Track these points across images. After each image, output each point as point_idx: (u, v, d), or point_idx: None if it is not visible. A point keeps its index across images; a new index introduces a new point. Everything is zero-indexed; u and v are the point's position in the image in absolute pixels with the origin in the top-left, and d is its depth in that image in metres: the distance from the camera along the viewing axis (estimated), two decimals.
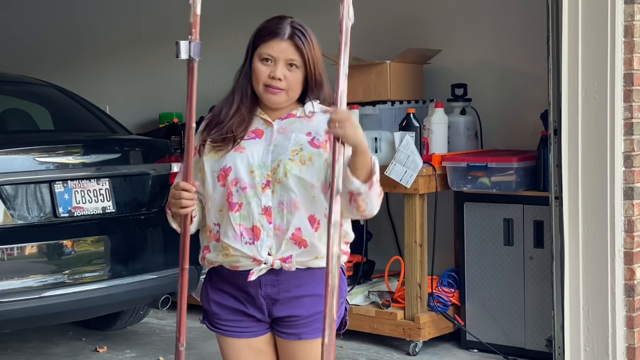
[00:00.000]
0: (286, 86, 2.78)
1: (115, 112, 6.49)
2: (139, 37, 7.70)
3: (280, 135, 2.81)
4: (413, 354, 5.38)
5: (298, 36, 2.79)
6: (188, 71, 2.50)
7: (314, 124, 2.82)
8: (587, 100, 4.50)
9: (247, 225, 2.77)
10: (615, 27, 4.43)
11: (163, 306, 5.30)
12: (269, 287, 2.82)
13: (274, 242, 2.78)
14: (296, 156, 2.76)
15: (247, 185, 2.76)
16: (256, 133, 2.83)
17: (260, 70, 2.80)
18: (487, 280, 5.35)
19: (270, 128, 2.83)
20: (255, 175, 2.77)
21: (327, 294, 2.50)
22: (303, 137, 2.80)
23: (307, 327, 2.84)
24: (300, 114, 2.85)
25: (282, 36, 2.78)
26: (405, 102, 5.76)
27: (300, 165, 2.76)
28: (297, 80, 2.79)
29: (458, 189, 5.35)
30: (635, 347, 4.57)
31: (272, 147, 2.80)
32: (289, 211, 2.76)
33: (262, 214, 2.76)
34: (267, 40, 2.80)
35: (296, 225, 2.76)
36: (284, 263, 2.78)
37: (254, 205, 2.76)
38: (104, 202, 5.01)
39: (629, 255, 4.52)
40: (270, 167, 2.77)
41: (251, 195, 2.76)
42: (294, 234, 2.76)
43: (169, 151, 5.50)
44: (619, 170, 4.49)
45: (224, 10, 7.17)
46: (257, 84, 2.82)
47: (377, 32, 6.27)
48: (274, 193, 2.77)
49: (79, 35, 8.10)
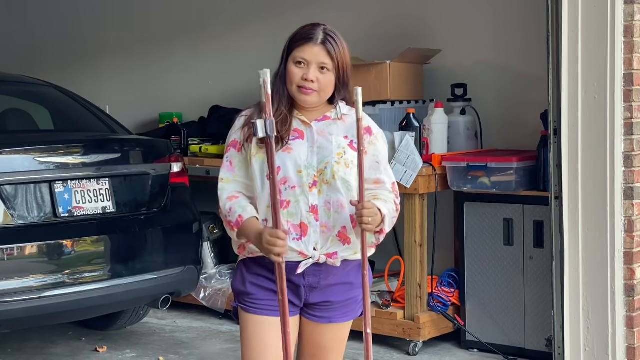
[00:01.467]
0: (318, 87, 2.99)
1: (115, 112, 6.49)
2: (139, 37, 7.70)
3: (320, 137, 3.03)
4: (413, 354, 5.38)
5: (330, 42, 3.00)
6: (267, 147, 2.72)
7: (348, 126, 3.06)
8: (587, 100, 4.50)
9: (295, 222, 2.98)
10: (615, 27, 4.43)
11: (163, 306, 5.29)
12: (312, 277, 3.03)
13: (320, 239, 2.99)
14: (341, 159, 3.00)
15: (295, 185, 2.97)
16: (298, 133, 3.03)
17: (294, 72, 3.00)
18: (487, 280, 5.35)
19: (310, 129, 3.04)
20: (303, 175, 2.98)
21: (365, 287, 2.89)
22: (342, 140, 3.03)
23: (338, 312, 3.10)
24: (334, 116, 3.07)
25: (315, 41, 2.99)
26: (405, 102, 5.76)
27: (345, 168, 2.99)
28: (329, 82, 3.01)
29: (458, 189, 5.35)
30: (635, 347, 4.57)
31: (316, 149, 3.01)
32: (335, 210, 2.99)
33: (309, 211, 2.98)
34: (301, 44, 3.00)
35: (342, 224, 2.99)
36: (329, 258, 3.01)
37: (302, 203, 2.98)
38: (104, 202, 5.01)
39: (629, 255, 4.52)
40: (317, 167, 2.99)
41: (299, 194, 2.98)
42: (340, 232, 2.99)
43: (169, 151, 5.50)
44: (619, 170, 4.49)
45: (224, 11, 7.17)
46: (291, 85, 3.01)
47: (377, 32, 6.28)
48: (320, 193, 2.99)
49: (79, 36, 8.10)
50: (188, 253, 5.36)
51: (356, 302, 3.12)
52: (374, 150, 3.07)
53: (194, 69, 7.33)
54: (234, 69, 7.01)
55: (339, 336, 3.15)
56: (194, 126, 6.85)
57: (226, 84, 7.03)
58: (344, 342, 3.18)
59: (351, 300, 3.10)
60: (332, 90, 3.03)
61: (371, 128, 3.10)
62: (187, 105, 7.23)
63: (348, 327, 3.17)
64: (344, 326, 3.14)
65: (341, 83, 3.03)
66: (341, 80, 3.03)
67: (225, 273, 6.37)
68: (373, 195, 3.02)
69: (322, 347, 3.13)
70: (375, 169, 3.06)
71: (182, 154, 6.26)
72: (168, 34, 7.50)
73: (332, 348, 3.14)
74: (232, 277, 3.20)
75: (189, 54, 7.36)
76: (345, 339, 3.19)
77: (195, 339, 5.82)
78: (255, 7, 6.96)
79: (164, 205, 5.29)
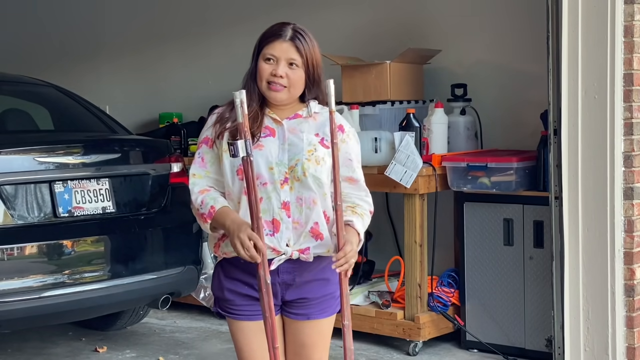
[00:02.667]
0: (287, 83, 3.01)
1: (115, 112, 6.49)
2: (139, 37, 7.70)
3: (291, 135, 3.05)
4: (413, 354, 5.38)
5: (299, 38, 3.02)
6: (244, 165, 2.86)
7: (319, 124, 3.08)
8: (587, 100, 4.50)
9: (267, 218, 3.00)
10: (615, 27, 4.43)
11: (163, 306, 5.29)
12: (286, 275, 3.06)
13: (292, 235, 3.02)
14: (312, 156, 3.02)
15: (267, 181, 3.00)
16: (269, 130, 3.06)
17: (263, 68, 3.03)
18: (487, 280, 5.35)
19: (281, 127, 3.06)
20: (274, 172, 3.01)
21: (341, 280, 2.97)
22: (313, 137, 3.06)
23: (315, 308, 3.12)
24: (306, 114, 3.08)
25: (284, 37, 3.01)
26: (405, 102, 5.76)
27: (316, 165, 3.02)
28: (298, 78, 3.02)
29: (458, 189, 5.35)
30: (635, 347, 4.57)
31: (287, 146, 3.03)
32: (307, 206, 3.02)
33: (281, 207, 3.01)
34: (270, 41, 3.03)
35: (314, 220, 3.02)
36: (302, 254, 3.03)
37: (274, 199, 3.01)
38: (104, 202, 5.01)
39: (629, 255, 4.52)
40: (287, 165, 3.02)
41: (271, 190, 3.00)
42: (313, 227, 3.02)
43: (169, 151, 5.50)
44: (619, 170, 4.49)
45: (224, 10, 7.17)
46: (261, 81, 3.04)
47: (377, 32, 6.28)
48: (291, 189, 3.02)
49: (80, 36, 8.10)
50: (188, 253, 5.37)
51: (333, 297, 3.13)
52: (346, 148, 3.08)
53: (194, 69, 7.33)
54: (234, 69, 6.99)
55: (319, 332, 3.15)
56: (194, 126, 6.85)
57: (226, 84, 7.00)
58: (325, 338, 3.19)
59: (328, 296, 3.12)
60: (302, 87, 3.05)
61: (343, 126, 3.11)
62: (187, 105, 7.23)
63: (328, 324, 3.18)
64: (323, 322, 3.15)
65: (311, 81, 3.04)
66: (311, 78, 3.04)
67: None
68: (349, 205, 3.05)
69: (304, 345, 3.14)
70: (347, 166, 3.08)
71: (182, 154, 6.27)
72: (168, 34, 7.50)
73: (314, 345, 3.15)
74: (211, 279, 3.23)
75: (189, 54, 7.36)
76: (326, 335, 3.19)
77: (195, 339, 5.83)
78: (255, 6, 6.96)
79: (164, 205, 5.29)
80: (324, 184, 3.02)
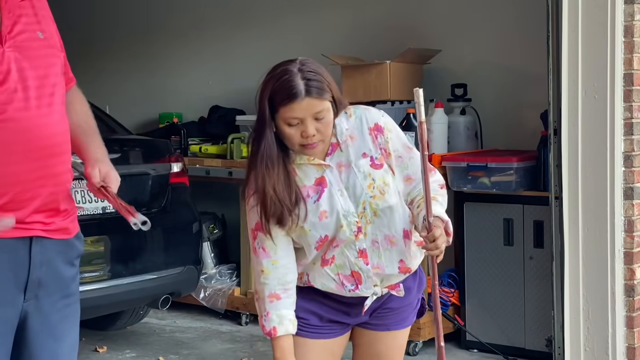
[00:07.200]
0: (322, 136, 2.70)
1: (115, 112, 6.49)
2: (138, 37, 7.70)
3: (342, 174, 2.76)
4: (413, 354, 5.38)
5: (313, 85, 2.66)
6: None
7: (359, 143, 2.78)
8: (587, 100, 4.50)
9: (345, 272, 2.79)
10: (615, 27, 4.43)
11: (163, 306, 5.29)
12: (375, 303, 2.86)
13: (377, 279, 2.81)
14: (375, 190, 2.75)
15: (339, 243, 2.76)
16: (321, 184, 2.76)
17: (290, 134, 2.68)
18: (487, 280, 5.34)
19: (329, 169, 2.76)
20: (345, 230, 2.74)
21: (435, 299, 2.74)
22: (363, 163, 2.76)
23: (395, 319, 2.92)
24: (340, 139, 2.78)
25: (300, 96, 2.64)
26: (405, 102, 5.76)
27: (382, 196, 2.75)
28: (329, 123, 2.71)
29: (458, 189, 5.35)
30: (635, 347, 4.57)
31: (345, 192, 2.75)
32: (385, 248, 2.79)
33: (357, 257, 2.77)
34: (286, 104, 2.65)
35: (398, 259, 2.81)
36: (392, 290, 2.85)
37: (349, 252, 2.77)
38: (103, 202, 5.01)
39: (629, 255, 4.52)
40: (356, 212, 2.75)
41: (344, 246, 2.77)
42: (400, 267, 2.82)
43: (169, 151, 5.50)
44: (619, 170, 4.49)
45: (224, 11, 7.17)
46: (293, 145, 2.72)
47: (377, 32, 6.28)
48: (365, 235, 2.76)
49: (79, 35, 8.10)
50: (188, 253, 5.37)
51: (411, 307, 2.96)
52: (393, 147, 2.80)
53: (194, 69, 7.33)
54: (234, 69, 7.01)
55: (397, 345, 2.97)
56: (194, 126, 6.85)
57: (226, 84, 7.03)
58: (401, 352, 3.00)
59: (408, 306, 2.92)
60: (332, 125, 2.73)
61: (379, 124, 2.80)
62: (187, 105, 7.23)
63: (405, 336, 3.00)
64: (400, 334, 2.96)
65: (337, 106, 2.74)
66: (336, 104, 2.73)
67: (225, 273, 6.37)
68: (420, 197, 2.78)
69: (379, 355, 2.95)
70: (399, 165, 2.81)
71: (182, 154, 6.26)
72: (168, 34, 7.50)
73: (390, 357, 2.96)
74: None
75: (189, 54, 7.36)
76: (402, 349, 3.00)
77: (195, 339, 5.82)
78: (255, 7, 6.96)
79: (164, 205, 5.29)
80: (395, 208, 2.77)
